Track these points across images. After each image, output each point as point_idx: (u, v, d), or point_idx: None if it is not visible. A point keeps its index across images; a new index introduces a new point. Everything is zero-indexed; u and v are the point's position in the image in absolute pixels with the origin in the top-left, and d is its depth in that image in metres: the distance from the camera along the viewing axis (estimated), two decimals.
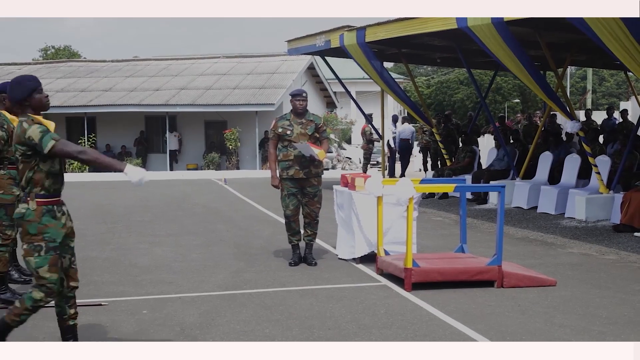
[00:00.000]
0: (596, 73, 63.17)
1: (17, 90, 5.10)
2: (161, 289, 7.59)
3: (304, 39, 19.75)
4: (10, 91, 5.17)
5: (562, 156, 14.71)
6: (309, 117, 8.81)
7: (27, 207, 5.00)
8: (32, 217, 5.00)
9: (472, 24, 12.36)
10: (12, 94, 5.13)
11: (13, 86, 5.14)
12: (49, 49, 63.49)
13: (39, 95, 5.12)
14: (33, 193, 5.01)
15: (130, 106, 29.28)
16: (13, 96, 5.13)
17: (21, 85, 5.11)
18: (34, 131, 4.92)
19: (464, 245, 8.49)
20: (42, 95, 5.15)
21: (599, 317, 6.44)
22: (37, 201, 5.00)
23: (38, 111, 5.12)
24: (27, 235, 5.00)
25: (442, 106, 59.98)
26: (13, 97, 5.14)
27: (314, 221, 8.90)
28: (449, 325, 6.15)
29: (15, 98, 5.11)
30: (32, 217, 5.00)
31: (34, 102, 5.10)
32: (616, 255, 9.61)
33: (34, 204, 5.00)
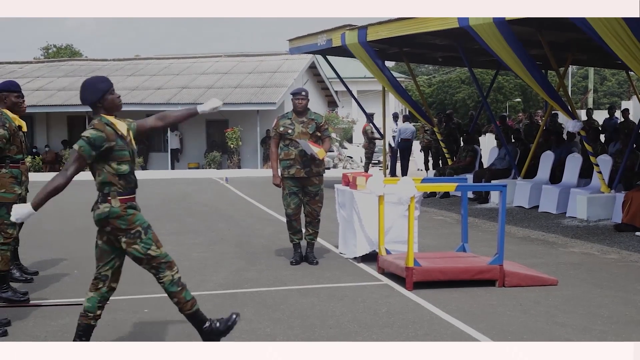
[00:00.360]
0: (597, 72, 63.16)
1: (90, 93, 5.17)
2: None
3: (306, 38, 19.75)
4: (82, 93, 5.21)
5: (563, 155, 14.70)
6: (311, 116, 8.81)
7: (110, 206, 5.13)
8: (118, 212, 5.14)
9: (473, 22, 12.35)
10: (84, 96, 5.19)
11: (86, 88, 5.19)
12: (50, 47, 63.46)
13: (111, 96, 5.20)
14: (114, 192, 5.16)
15: (132, 105, 29.22)
16: (85, 98, 5.19)
17: (94, 88, 5.17)
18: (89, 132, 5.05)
19: (466, 244, 8.49)
20: (114, 95, 5.23)
21: (600, 316, 6.44)
22: (119, 199, 5.17)
23: (111, 112, 5.22)
24: (121, 230, 5.15)
25: (444, 105, 59.97)
26: (86, 100, 5.19)
27: (315, 220, 8.91)
28: (450, 324, 6.15)
29: (88, 100, 5.17)
30: (118, 213, 5.14)
31: (107, 104, 5.18)
32: (618, 254, 9.61)
33: (116, 202, 5.15)
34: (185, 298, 5.25)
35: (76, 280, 8.03)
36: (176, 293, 5.22)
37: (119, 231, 5.14)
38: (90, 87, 5.19)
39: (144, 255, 5.16)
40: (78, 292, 7.44)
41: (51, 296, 7.25)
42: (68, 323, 6.24)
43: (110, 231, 5.16)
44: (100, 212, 5.14)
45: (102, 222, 5.16)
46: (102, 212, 5.13)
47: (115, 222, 5.12)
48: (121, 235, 5.15)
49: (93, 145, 5.01)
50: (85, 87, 5.21)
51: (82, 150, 5.00)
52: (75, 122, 31.52)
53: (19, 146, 7.06)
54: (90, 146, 5.01)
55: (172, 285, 5.20)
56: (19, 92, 7.26)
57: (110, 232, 5.17)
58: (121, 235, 5.15)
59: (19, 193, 7.03)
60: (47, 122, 32.00)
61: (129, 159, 5.31)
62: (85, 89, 5.20)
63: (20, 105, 7.27)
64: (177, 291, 5.22)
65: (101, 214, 5.13)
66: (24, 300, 6.94)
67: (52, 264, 8.97)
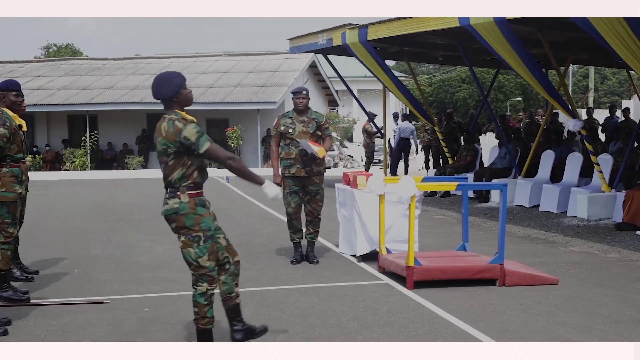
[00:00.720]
0: (598, 71, 63.15)
1: (166, 88, 5.18)
2: (163, 287, 7.60)
3: (306, 37, 19.74)
4: (157, 88, 5.21)
5: (564, 154, 14.69)
6: (311, 115, 8.80)
7: (179, 201, 5.13)
8: (187, 209, 5.13)
9: (474, 22, 12.34)
10: (160, 91, 5.20)
11: (160, 83, 5.20)
12: (50, 46, 63.44)
13: (185, 90, 5.23)
14: (184, 187, 5.14)
15: (132, 104, 29.26)
16: (161, 93, 5.19)
17: (170, 83, 5.19)
18: (191, 131, 5.05)
19: (466, 243, 8.49)
20: (187, 90, 5.27)
21: (600, 315, 6.44)
22: (188, 194, 5.14)
23: (183, 107, 5.24)
24: (184, 228, 5.15)
25: (444, 104, 59.94)
26: (161, 94, 5.20)
27: (315, 219, 8.91)
28: (450, 323, 6.15)
29: (164, 95, 5.18)
30: (187, 210, 5.13)
31: (182, 98, 5.21)
32: (618, 253, 9.61)
33: (186, 197, 5.14)
34: (206, 314, 5.22)
35: (76, 279, 8.03)
36: (202, 306, 5.20)
37: (180, 228, 5.17)
38: (167, 81, 5.21)
39: (193, 260, 5.19)
40: (78, 291, 7.45)
41: (51, 295, 7.25)
42: (68, 322, 6.24)
43: (173, 229, 5.22)
44: (169, 208, 5.18)
45: (169, 217, 5.19)
46: (171, 208, 5.17)
47: (181, 218, 5.14)
48: (181, 233, 5.19)
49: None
50: (161, 81, 5.22)
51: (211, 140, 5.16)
52: (75, 121, 31.52)
53: (19, 145, 7.06)
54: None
55: (202, 297, 5.20)
56: (18, 91, 7.25)
57: (174, 230, 5.23)
58: (181, 232, 5.19)
59: (19, 192, 7.02)
60: (47, 121, 32.00)
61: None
62: (161, 83, 5.21)
63: (20, 104, 7.26)
64: (203, 304, 5.20)
65: (169, 210, 5.17)
66: (24, 299, 6.93)
67: (53, 263, 8.97)
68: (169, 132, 5.08)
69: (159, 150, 5.18)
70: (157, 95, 5.23)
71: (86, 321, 6.27)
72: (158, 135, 5.17)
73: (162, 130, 5.12)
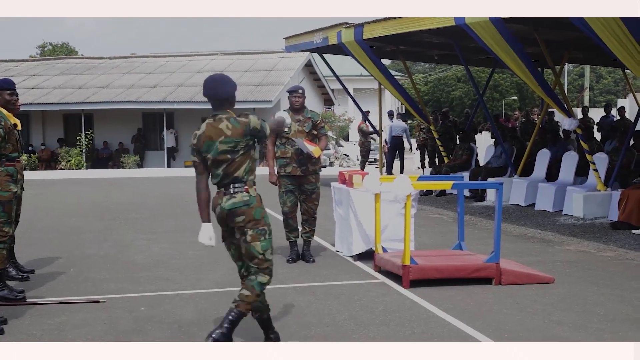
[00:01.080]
0: (594, 70, 63.26)
1: (229, 87, 5.36)
2: (159, 286, 7.59)
3: (302, 36, 19.73)
4: (222, 86, 5.35)
5: (559, 153, 14.70)
6: (307, 114, 8.80)
7: (248, 195, 5.20)
8: (255, 202, 5.22)
9: (469, 20, 12.33)
10: (223, 90, 5.33)
11: (223, 83, 5.36)
12: (46, 45, 63.31)
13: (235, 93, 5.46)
14: (250, 181, 5.26)
15: (128, 103, 29.21)
16: (223, 92, 5.33)
17: (230, 83, 5.38)
18: (255, 120, 5.29)
19: (462, 242, 8.49)
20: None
21: (596, 314, 6.45)
22: (254, 188, 5.28)
23: (233, 107, 5.43)
24: (253, 221, 5.18)
25: (440, 103, 60.02)
26: (224, 93, 5.34)
27: (311, 218, 8.91)
28: (446, 322, 6.16)
29: (227, 94, 5.35)
30: (255, 203, 5.21)
31: (234, 99, 5.45)
32: (614, 252, 9.62)
33: (253, 191, 5.26)
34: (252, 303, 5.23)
35: (72, 278, 8.02)
36: (256, 295, 5.22)
37: (248, 221, 5.18)
38: (228, 81, 5.38)
39: (260, 253, 5.22)
40: (74, 290, 7.44)
41: (47, 294, 7.24)
42: (64, 321, 6.23)
43: (240, 223, 5.19)
44: (238, 201, 5.19)
45: (237, 211, 5.18)
46: (240, 201, 5.18)
47: (250, 211, 5.18)
48: (248, 227, 5.18)
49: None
50: (222, 81, 5.37)
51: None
52: (70, 120, 31.46)
53: (14, 144, 7.04)
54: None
55: (261, 287, 5.24)
56: (12, 90, 7.24)
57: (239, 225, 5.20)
58: (248, 226, 5.18)
59: (14, 191, 7.00)
60: (42, 120, 31.93)
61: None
62: (224, 83, 5.36)
63: (15, 103, 7.25)
64: (257, 293, 5.23)
65: (238, 203, 5.18)
66: (20, 298, 6.92)
67: (48, 262, 8.96)
68: (235, 129, 5.21)
69: (224, 150, 5.20)
70: (219, 94, 5.32)
71: (82, 320, 6.26)
72: (218, 135, 5.21)
73: (226, 130, 5.21)
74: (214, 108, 5.34)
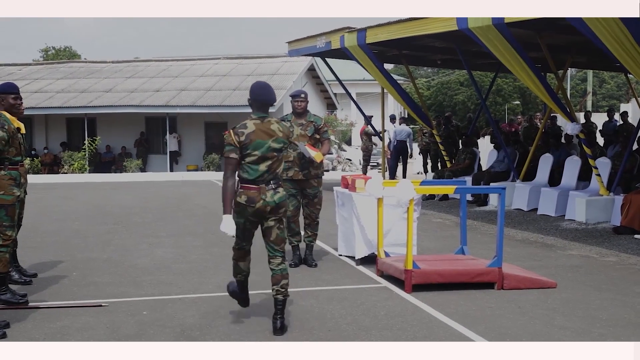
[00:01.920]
0: (596, 75, 63.25)
1: (273, 94, 6.11)
2: (161, 290, 7.60)
3: (305, 40, 19.75)
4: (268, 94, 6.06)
5: (562, 158, 14.70)
6: (310, 118, 8.80)
7: (283, 190, 6.03)
8: (285, 198, 6.04)
9: (472, 25, 12.35)
10: (272, 96, 6.09)
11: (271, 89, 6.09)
12: (49, 49, 63.44)
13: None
14: (279, 180, 6.02)
15: (131, 107, 29.22)
16: (271, 99, 6.08)
17: (274, 91, 6.11)
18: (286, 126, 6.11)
19: (464, 247, 8.49)
20: None
21: (599, 319, 6.44)
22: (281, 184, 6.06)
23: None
24: (284, 212, 6.03)
25: (442, 107, 60.01)
26: (270, 100, 6.07)
27: (314, 222, 8.91)
28: (449, 327, 6.15)
29: (271, 101, 6.09)
30: (286, 199, 6.05)
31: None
32: (616, 257, 9.61)
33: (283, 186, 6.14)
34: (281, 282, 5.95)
35: (75, 282, 8.02)
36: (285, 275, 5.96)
37: (285, 214, 6.04)
38: (269, 89, 6.08)
39: (285, 239, 6.08)
40: (76, 294, 7.44)
41: (50, 298, 7.24)
42: (67, 325, 6.23)
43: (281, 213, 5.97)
44: (280, 196, 5.93)
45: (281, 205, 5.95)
46: (282, 197, 5.96)
47: (287, 205, 6.07)
48: (282, 219, 6.00)
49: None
50: (270, 88, 6.11)
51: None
52: (74, 124, 31.49)
53: (17, 148, 7.05)
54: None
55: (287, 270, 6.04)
56: (16, 94, 7.26)
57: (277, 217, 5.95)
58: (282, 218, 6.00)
59: (17, 195, 7.02)
60: (46, 124, 31.97)
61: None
62: (271, 89, 6.11)
63: (19, 107, 7.27)
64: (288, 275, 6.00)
65: (280, 198, 5.93)
66: (22, 302, 6.93)
67: (51, 266, 8.96)
68: (286, 131, 6.06)
69: (274, 148, 5.91)
70: (269, 99, 6.06)
71: (85, 324, 6.26)
72: (269, 135, 5.92)
73: (277, 131, 5.96)
74: (259, 110, 6.02)
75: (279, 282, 5.91)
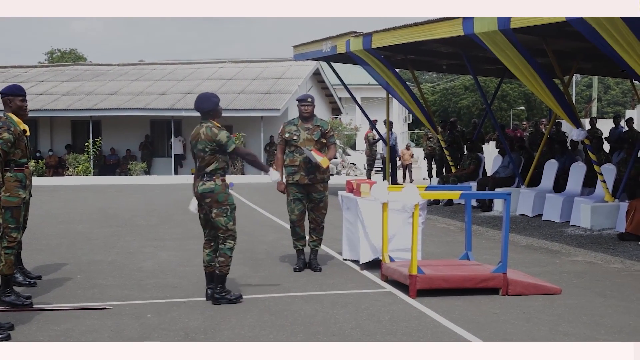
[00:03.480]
0: (602, 81, 63.22)
1: (208, 104, 7.15)
2: (166, 293, 7.60)
3: (310, 44, 19.77)
4: (200, 103, 7.15)
5: (567, 164, 14.69)
6: (317, 122, 8.81)
7: (214, 184, 7.05)
8: (220, 189, 7.06)
9: (478, 30, 12.35)
10: (202, 106, 7.14)
11: (203, 100, 7.15)
12: (54, 52, 63.57)
13: (219, 107, 7.23)
14: (218, 174, 7.05)
15: (136, 110, 29.27)
16: (202, 107, 7.14)
17: (210, 101, 7.15)
18: (223, 136, 7.01)
19: (469, 252, 8.47)
20: (220, 107, 7.25)
21: (604, 325, 6.43)
22: (221, 179, 7.08)
23: (216, 118, 7.19)
24: (217, 203, 7.04)
25: (447, 113, 60.01)
26: (202, 108, 7.14)
27: (319, 227, 8.91)
28: (453, 332, 6.14)
29: (205, 109, 7.14)
30: (220, 190, 7.06)
31: (217, 114, 7.21)
32: (621, 263, 9.59)
33: (219, 181, 7.07)
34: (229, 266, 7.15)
35: (79, 285, 8.03)
36: (230, 256, 7.14)
37: (214, 202, 7.03)
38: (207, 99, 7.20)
39: (223, 225, 7.05)
40: (81, 296, 7.45)
41: (54, 300, 7.25)
42: (71, 328, 6.24)
43: (207, 203, 7.05)
44: (206, 187, 7.04)
45: (205, 195, 7.04)
46: (208, 187, 7.03)
47: (215, 196, 7.03)
48: (214, 207, 7.03)
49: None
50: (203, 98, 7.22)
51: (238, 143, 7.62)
52: (78, 126, 31.54)
53: (23, 150, 7.07)
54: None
55: (230, 251, 7.13)
56: (24, 96, 7.27)
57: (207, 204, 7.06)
58: (214, 206, 7.03)
59: (23, 197, 7.03)
60: (50, 126, 32.03)
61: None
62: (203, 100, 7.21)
63: (25, 109, 7.28)
64: (230, 255, 7.14)
65: (206, 189, 7.03)
66: (27, 304, 6.93)
67: (55, 268, 8.97)
68: (207, 135, 7.02)
69: (199, 149, 7.06)
70: (199, 108, 7.16)
71: (89, 327, 6.27)
72: (196, 138, 7.10)
73: (202, 134, 7.05)
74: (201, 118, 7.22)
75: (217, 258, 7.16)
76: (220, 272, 7.09)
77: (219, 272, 7.08)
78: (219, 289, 7.11)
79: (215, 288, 7.12)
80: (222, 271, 7.09)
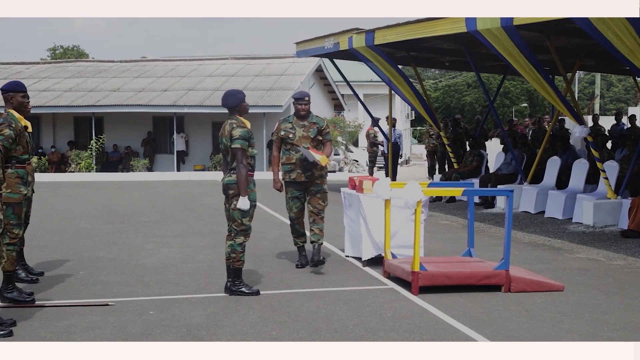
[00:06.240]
0: (604, 78, 63.11)
1: (232, 99, 7.28)
2: (168, 290, 7.60)
3: (313, 41, 19.75)
4: (225, 99, 7.28)
5: (570, 161, 14.67)
6: (312, 119, 8.76)
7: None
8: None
9: (481, 27, 12.32)
10: (228, 102, 7.27)
11: (228, 96, 7.28)
12: (57, 48, 63.59)
13: (245, 103, 7.35)
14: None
15: (138, 106, 29.26)
16: (228, 103, 7.28)
17: (235, 97, 7.29)
18: (237, 132, 7.15)
19: (472, 249, 8.47)
20: (246, 103, 7.39)
21: (606, 322, 6.42)
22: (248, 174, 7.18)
23: (243, 114, 7.35)
24: (237, 196, 7.14)
25: (450, 109, 59.96)
26: (227, 104, 7.28)
27: (318, 217, 8.70)
28: (455, 329, 6.14)
29: (230, 105, 7.27)
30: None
31: (242, 109, 7.36)
32: (624, 260, 9.58)
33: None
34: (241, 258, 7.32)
35: (81, 281, 8.03)
36: (240, 251, 7.28)
37: (234, 195, 7.18)
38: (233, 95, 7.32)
39: (239, 219, 7.18)
40: (83, 293, 7.45)
41: (56, 297, 7.25)
42: (73, 324, 6.24)
43: (230, 194, 7.21)
44: (229, 179, 7.22)
45: (229, 186, 7.22)
46: (230, 180, 7.20)
47: (237, 189, 7.14)
48: (234, 199, 7.17)
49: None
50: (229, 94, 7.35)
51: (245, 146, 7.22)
52: (81, 123, 31.55)
53: (24, 146, 7.07)
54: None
55: (240, 246, 7.27)
56: (25, 92, 7.26)
57: (230, 196, 7.22)
58: (234, 199, 7.17)
59: (24, 193, 7.03)
60: (53, 122, 32.03)
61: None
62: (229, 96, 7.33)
63: (26, 105, 7.28)
64: (240, 251, 7.28)
65: (229, 181, 7.21)
66: (29, 300, 6.93)
67: (58, 264, 8.98)
68: (229, 131, 7.19)
69: (224, 144, 7.28)
70: (225, 104, 7.32)
71: (91, 323, 6.27)
72: (222, 133, 7.31)
73: (226, 130, 7.26)
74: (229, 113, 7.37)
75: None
76: (232, 266, 7.27)
77: (232, 267, 7.28)
78: (235, 282, 7.31)
79: (233, 281, 7.32)
80: (234, 265, 7.27)
